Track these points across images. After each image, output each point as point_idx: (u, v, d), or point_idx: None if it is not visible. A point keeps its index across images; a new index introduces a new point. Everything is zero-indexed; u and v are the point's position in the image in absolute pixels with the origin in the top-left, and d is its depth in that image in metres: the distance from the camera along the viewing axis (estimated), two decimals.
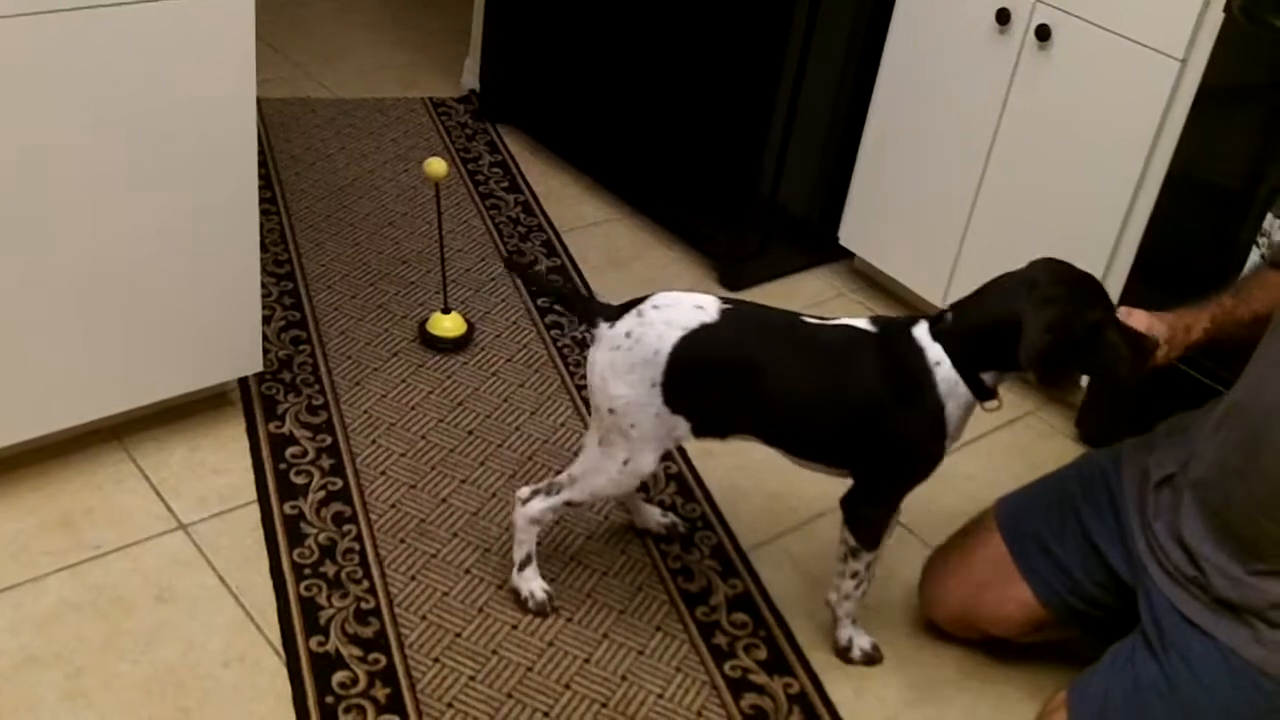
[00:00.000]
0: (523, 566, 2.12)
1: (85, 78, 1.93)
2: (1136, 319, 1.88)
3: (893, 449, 1.93)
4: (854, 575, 2.05)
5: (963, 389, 1.88)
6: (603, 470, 2.00)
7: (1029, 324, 1.80)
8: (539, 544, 2.12)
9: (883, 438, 1.92)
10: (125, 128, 2.01)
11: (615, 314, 1.96)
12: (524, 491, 2.10)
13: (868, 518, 2.01)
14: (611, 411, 1.94)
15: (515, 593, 2.13)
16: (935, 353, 1.88)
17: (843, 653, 2.13)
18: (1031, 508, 2.10)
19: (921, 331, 1.90)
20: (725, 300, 1.97)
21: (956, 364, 1.87)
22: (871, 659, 2.13)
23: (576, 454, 2.12)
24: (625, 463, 1.97)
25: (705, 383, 1.92)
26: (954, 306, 1.91)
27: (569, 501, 2.06)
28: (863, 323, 1.95)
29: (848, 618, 2.11)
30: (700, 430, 1.97)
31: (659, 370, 1.90)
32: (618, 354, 1.92)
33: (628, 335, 1.92)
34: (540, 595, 2.12)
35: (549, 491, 2.07)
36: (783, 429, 1.98)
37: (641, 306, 1.95)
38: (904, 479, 1.98)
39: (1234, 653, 1.79)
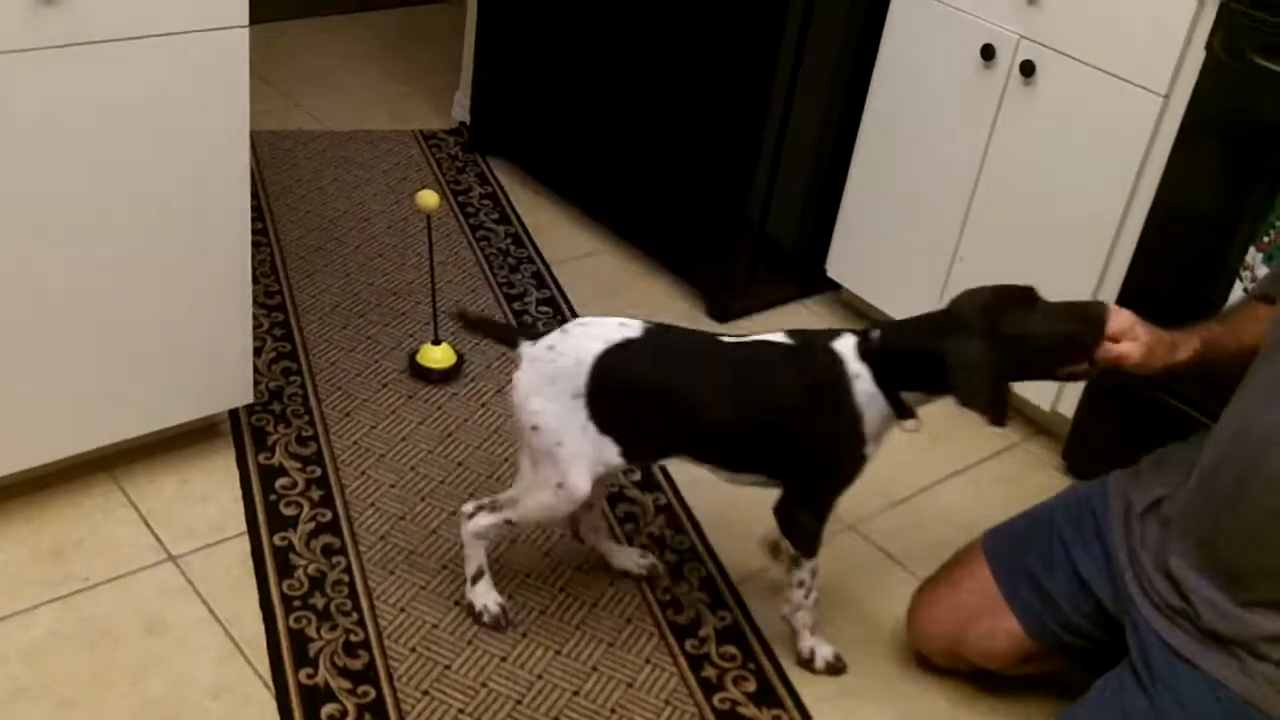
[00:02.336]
0: (475, 581, 2.13)
1: (78, 112, 1.94)
2: (1120, 318, 1.89)
3: (812, 454, 1.98)
4: (800, 584, 2.09)
5: (881, 402, 1.94)
6: (537, 493, 2.00)
7: (956, 362, 1.86)
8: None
9: (801, 443, 1.97)
10: (118, 161, 2.02)
11: (538, 334, 2.00)
12: (468, 506, 2.10)
13: (800, 524, 2.04)
14: (535, 429, 1.95)
15: (470, 608, 2.13)
16: (856, 366, 1.94)
17: (806, 663, 2.16)
18: (1019, 540, 2.11)
19: (843, 345, 1.96)
20: (649, 323, 2.01)
21: (877, 380, 1.93)
22: (835, 669, 2.15)
23: None
24: (559, 486, 1.96)
25: (629, 398, 1.95)
26: (883, 325, 1.98)
27: (509, 520, 2.06)
28: (779, 336, 2.01)
29: (806, 628, 2.14)
30: (630, 454, 1.97)
31: (582, 380, 1.92)
32: (538, 365, 1.95)
33: (550, 348, 1.96)
34: (494, 609, 2.13)
35: (492, 508, 2.07)
36: (706, 442, 2.01)
37: (566, 326, 2.00)
38: (827, 483, 2.02)
39: (1222, 685, 1.79)
